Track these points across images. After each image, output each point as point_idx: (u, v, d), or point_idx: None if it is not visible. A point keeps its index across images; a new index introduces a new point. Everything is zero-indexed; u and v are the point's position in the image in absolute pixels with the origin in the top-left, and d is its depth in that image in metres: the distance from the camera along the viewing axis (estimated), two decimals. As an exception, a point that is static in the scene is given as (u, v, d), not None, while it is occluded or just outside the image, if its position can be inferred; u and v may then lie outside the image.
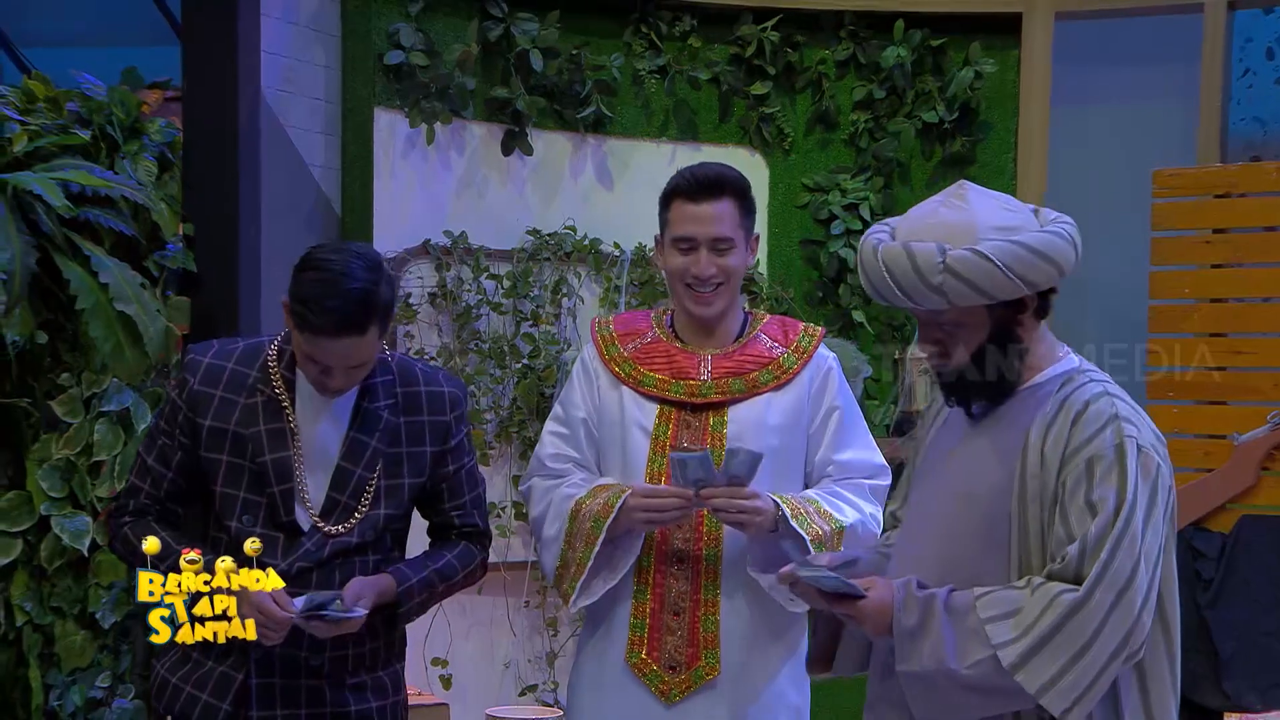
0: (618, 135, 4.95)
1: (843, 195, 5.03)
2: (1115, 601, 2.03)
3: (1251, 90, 5.40)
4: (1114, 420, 2.10)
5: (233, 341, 2.65)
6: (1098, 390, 2.14)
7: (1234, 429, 4.23)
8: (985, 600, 2.09)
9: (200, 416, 2.56)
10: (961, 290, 2.08)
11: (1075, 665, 2.03)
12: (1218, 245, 4.29)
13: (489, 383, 4.69)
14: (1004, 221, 2.12)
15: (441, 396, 2.65)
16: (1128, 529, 2.05)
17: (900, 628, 2.13)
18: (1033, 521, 2.12)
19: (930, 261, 2.09)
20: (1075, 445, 2.09)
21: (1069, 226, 2.15)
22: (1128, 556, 2.04)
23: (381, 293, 2.46)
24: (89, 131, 3.73)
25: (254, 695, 2.53)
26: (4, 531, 3.52)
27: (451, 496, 2.68)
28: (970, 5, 4.99)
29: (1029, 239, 2.09)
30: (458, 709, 4.40)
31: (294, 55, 4.37)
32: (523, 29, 4.71)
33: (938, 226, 2.13)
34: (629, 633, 2.82)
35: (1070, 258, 2.12)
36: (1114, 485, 2.06)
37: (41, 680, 3.54)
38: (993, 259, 2.07)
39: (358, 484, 2.56)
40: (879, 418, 5.00)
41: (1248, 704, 4.08)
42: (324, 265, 2.44)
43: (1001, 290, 2.09)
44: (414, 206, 4.64)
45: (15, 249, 3.40)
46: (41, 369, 3.62)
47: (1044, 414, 2.14)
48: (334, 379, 2.50)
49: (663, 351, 2.90)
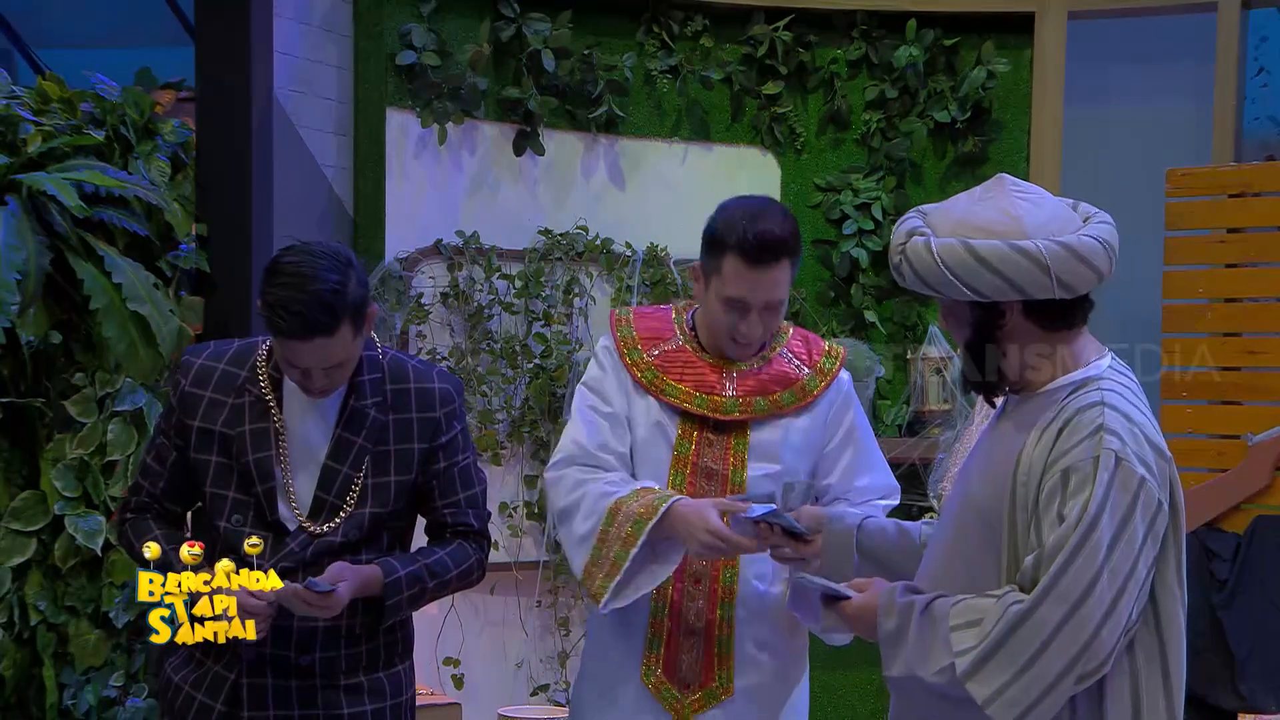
0: (630, 135, 4.95)
1: (855, 195, 5.02)
2: (1067, 616, 1.99)
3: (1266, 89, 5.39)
4: (1098, 431, 2.04)
5: (228, 343, 2.66)
6: (1094, 399, 2.09)
7: (1248, 429, 4.21)
8: (958, 608, 2.07)
9: (189, 418, 2.56)
10: (910, 277, 2.12)
11: (1022, 677, 2.00)
12: (1232, 245, 4.28)
13: (501, 383, 4.69)
14: (984, 221, 2.09)
15: (431, 393, 2.62)
16: (1086, 542, 1.99)
17: (882, 632, 2.14)
18: (1020, 530, 2.09)
19: (896, 240, 2.15)
20: (1056, 455, 2.05)
21: (1055, 247, 2.06)
22: (1084, 570, 1.99)
23: (350, 291, 2.43)
24: (103, 132, 3.74)
25: (245, 696, 2.53)
26: (18, 531, 3.53)
27: (443, 494, 2.64)
28: (983, 5, 4.98)
29: (979, 244, 2.06)
30: (469, 708, 4.40)
31: (306, 56, 4.37)
32: (534, 29, 4.71)
33: (933, 214, 2.18)
34: (645, 650, 2.79)
35: (1031, 277, 2.04)
36: (1085, 499, 2.01)
37: (56, 679, 3.55)
38: (935, 255, 2.08)
39: (344, 483, 2.55)
40: (891, 418, 4.99)
41: (1263, 705, 4.07)
42: (288, 269, 2.43)
43: (946, 289, 2.09)
44: (426, 206, 4.64)
45: (29, 249, 3.41)
46: (55, 369, 3.63)
47: (1043, 421, 2.11)
48: (314, 381, 2.49)
49: (686, 360, 2.84)
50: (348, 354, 2.48)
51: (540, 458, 4.71)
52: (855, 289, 5.03)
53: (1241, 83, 4.81)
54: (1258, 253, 4.23)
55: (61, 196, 3.46)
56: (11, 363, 3.55)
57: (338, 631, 2.55)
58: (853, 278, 5.04)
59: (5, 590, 3.51)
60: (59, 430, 3.60)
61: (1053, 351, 2.14)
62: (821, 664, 3.29)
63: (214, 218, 3.89)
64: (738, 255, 2.70)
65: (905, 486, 5.02)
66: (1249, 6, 4.79)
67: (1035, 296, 2.07)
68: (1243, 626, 4.20)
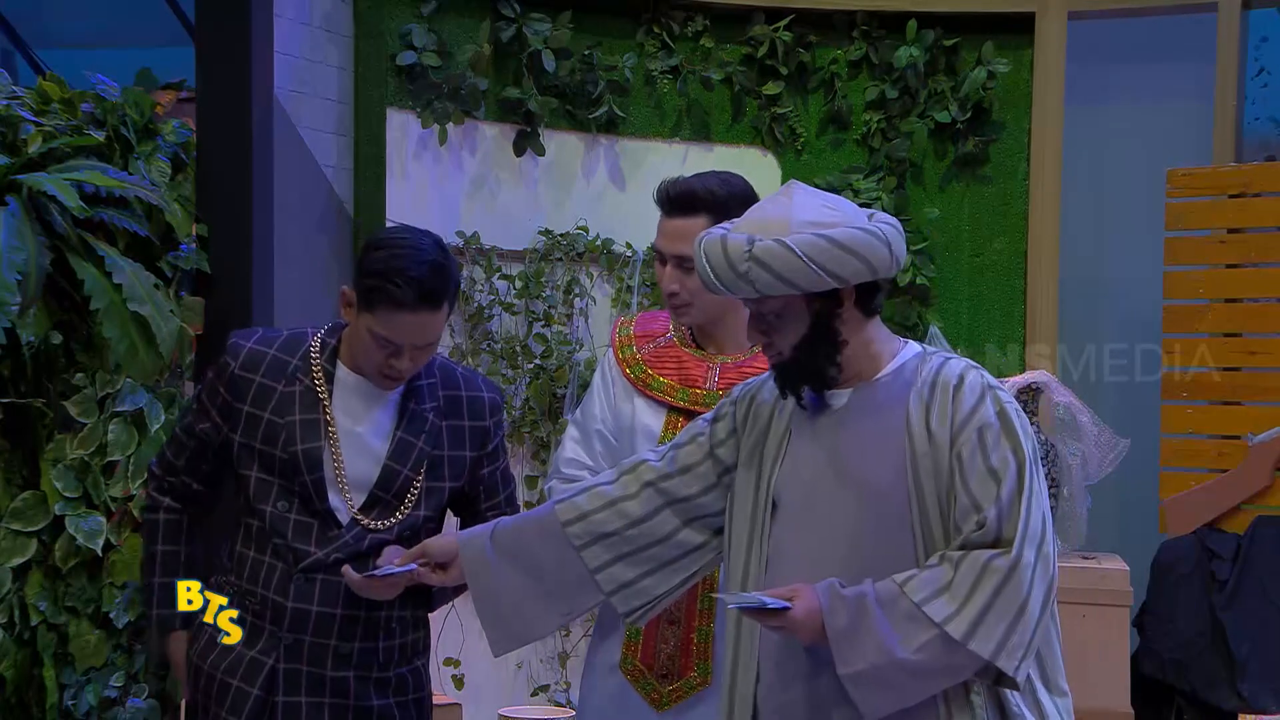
0: (630, 135, 4.95)
1: (855, 195, 5.02)
2: (1037, 556, 2.13)
3: (1266, 90, 5.39)
4: (989, 389, 2.20)
5: (276, 330, 2.66)
6: (964, 365, 2.23)
7: (1249, 429, 4.21)
8: (911, 584, 2.14)
9: (239, 401, 2.57)
10: (766, 279, 2.16)
11: (1018, 624, 2.11)
12: (1232, 245, 4.28)
13: (501, 383, 4.69)
14: (819, 218, 2.20)
15: (482, 401, 2.66)
16: (1031, 485, 2.15)
17: (834, 631, 2.15)
18: (929, 498, 2.18)
19: (739, 250, 2.18)
20: (962, 417, 2.17)
21: (887, 227, 2.22)
22: (1037, 509, 2.15)
23: (453, 268, 2.49)
24: (103, 132, 3.74)
25: (281, 679, 2.55)
26: (19, 531, 3.53)
27: (488, 497, 2.70)
28: (983, 5, 4.98)
29: (836, 234, 2.17)
30: (470, 709, 4.40)
31: (307, 56, 4.38)
32: (535, 29, 4.71)
33: (757, 220, 2.23)
34: (625, 638, 2.83)
35: (882, 255, 2.18)
36: (1010, 448, 2.16)
37: (56, 679, 3.55)
38: (795, 250, 2.15)
39: (403, 484, 2.57)
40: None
41: (1264, 705, 4.07)
42: (395, 243, 2.47)
43: (807, 281, 2.16)
44: (426, 207, 4.64)
45: (30, 249, 3.41)
46: (56, 369, 3.63)
47: (917, 393, 2.21)
48: (403, 360, 2.50)
49: (675, 356, 2.89)
50: (439, 334, 2.51)
51: (541, 458, 4.72)
52: (856, 289, 5.03)
53: (1242, 83, 4.81)
54: (1258, 253, 4.24)
55: (62, 197, 3.46)
56: (12, 363, 3.55)
57: (377, 622, 2.58)
58: (853, 278, 5.04)
59: (6, 591, 3.51)
60: (59, 430, 3.60)
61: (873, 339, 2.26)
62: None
63: (214, 218, 3.89)
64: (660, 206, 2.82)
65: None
66: (1249, 7, 4.79)
67: (883, 276, 2.21)
68: (1243, 627, 4.20)
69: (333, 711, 2.56)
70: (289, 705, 2.54)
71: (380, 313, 2.46)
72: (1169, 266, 4.37)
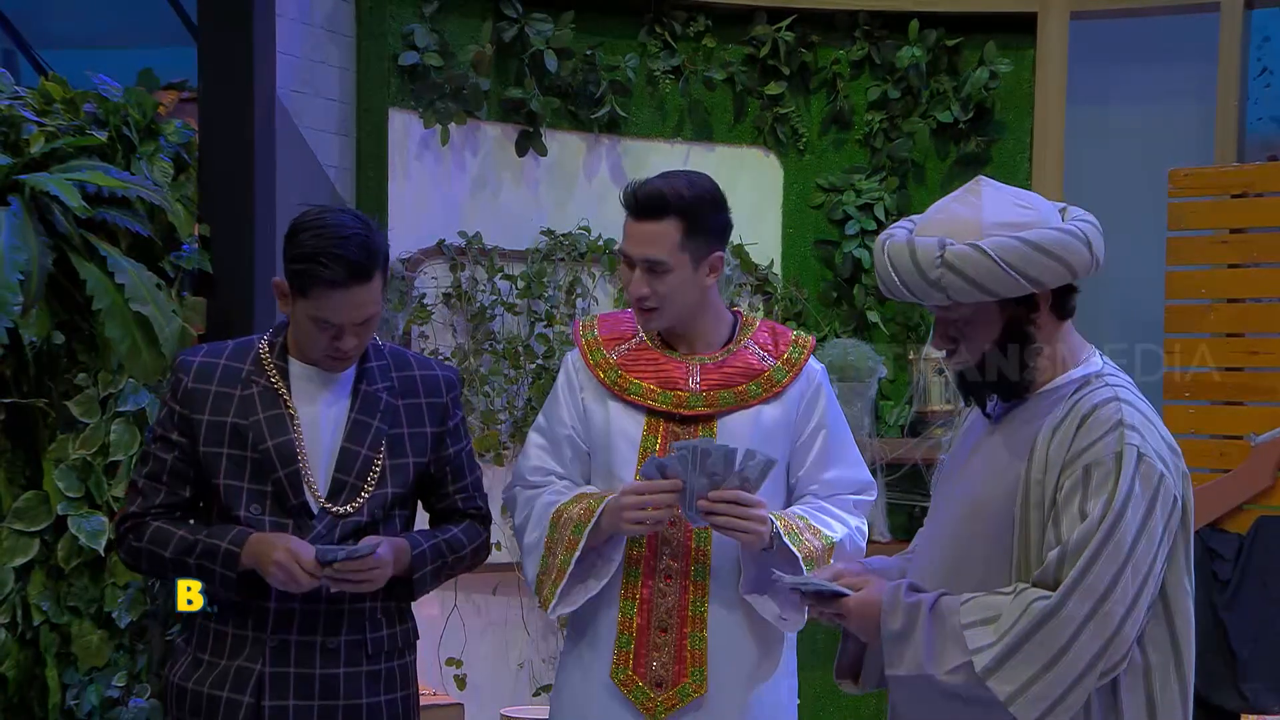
0: (632, 136, 4.95)
1: (857, 196, 5.02)
2: (1092, 611, 1.99)
3: (1269, 89, 5.38)
4: (1118, 427, 2.05)
5: (222, 343, 2.70)
6: (1108, 395, 2.09)
7: (1250, 429, 4.21)
8: (970, 605, 2.06)
9: (197, 413, 2.58)
10: (960, 285, 2.05)
11: (1047, 674, 1.99)
12: (1234, 245, 4.28)
13: (503, 383, 4.69)
14: (1013, 218, 2.08)
15: (436, 379, 2.69)
16: (1111, 537, 2.00)
17: (886, 630, 2.11)
18: (1034, 528, 2.08)
19: (929, 256, 2.06)
20: (1076, 450, 2.05)
21: (1085, 225, 2.10)
22: (1109, 565, 1.99)
23: (377, 239, 2.51)
24: (105, 132, 3.74)
25: (268, 684, 2.55)
26: (21, 531, 3.53)
27: (455, 479, 2.71)
28: (985, 5, 4.98)
29: (1034, 235, 2.05)
30: (472, 709, 4.40)
31: (309, 56, 4.38)
32: (537, 29, 4.71)
33: (945, 222, 2.10)
34: (615, 648, 2.77)
35: (1082, 257, 2.07)
36: (1107, 493, 2.01)
37: (59, 679, 3.55)
38: (991, 254, 2.03)
39: (363, 464, 2.58)
40: (893, 418, 4.99)
41: (1265, 706, 4.07)
42: (317, 224, 2.50)
43: (1004, 287, 2.05)
44: (428, 207, 4.64)
45: (32, 250, 3.42)
46: (58, 369, 3.63)
47: (1054, 418, 2.10)
48: (346, 339, 2.52)
49: (650, 358, 2.84)
50: (377, 307, 2.53)
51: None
52: (857, 289, 5.03)
53: (1244, 83, 4.81)
54: (1260, 253, 4.23)
55: (64, 197, 3.46)
56: (14, 363, 3.55)
57: (362, 614, 2.58)
58: (855, 278, 5.04)
59: (8, 591, 3.51)
60: (62, 431, 3.60)
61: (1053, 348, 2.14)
62: (822, 664, 3.29)
63: (217, 218, 3.89)
64: (626, 209, 2.79)
65: (908, 487, 5.07)
66: (1251, 6, 4.79)
67: (1081, 279, 2.08)
68: (1245, 627, 4.19)
69: (321, 713, 2.55)
70: (276, 709, 2.54)
71: (314, 296, 2.48)
72: (1170, 266, 4.37)
